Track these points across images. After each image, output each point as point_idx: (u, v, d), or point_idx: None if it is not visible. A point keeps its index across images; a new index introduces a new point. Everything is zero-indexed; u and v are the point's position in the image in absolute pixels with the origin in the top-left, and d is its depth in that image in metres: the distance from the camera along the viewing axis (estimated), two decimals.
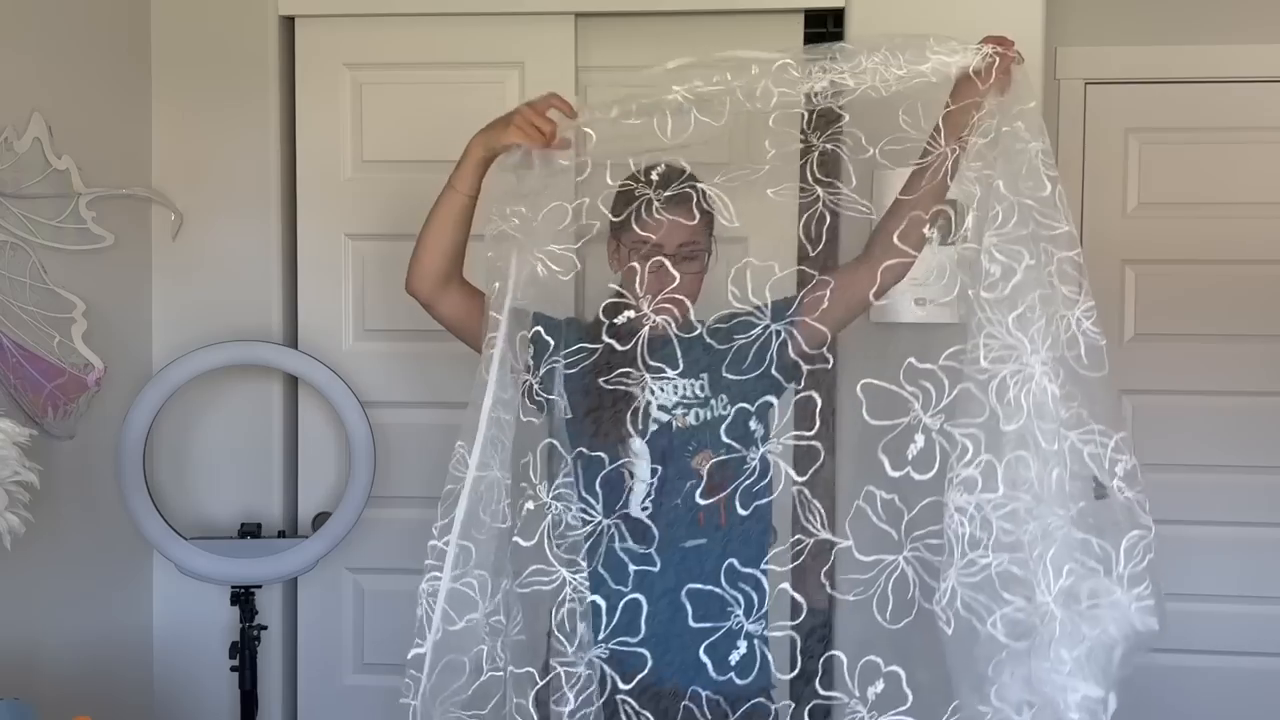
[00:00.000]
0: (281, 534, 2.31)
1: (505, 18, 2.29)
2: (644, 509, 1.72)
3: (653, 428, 1.74)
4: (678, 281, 1.69)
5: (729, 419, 1.74)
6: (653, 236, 1.69)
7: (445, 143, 2.32)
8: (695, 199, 1.70)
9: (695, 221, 1.71)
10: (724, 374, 1.74)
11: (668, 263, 1.68)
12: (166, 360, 2.26)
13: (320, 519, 2.30)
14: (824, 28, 2.38)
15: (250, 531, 2.25)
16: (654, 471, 1.73)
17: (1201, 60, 2.59)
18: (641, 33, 2.31)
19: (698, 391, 1.77)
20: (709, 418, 1.76)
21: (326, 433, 2.37)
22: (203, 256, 2.35)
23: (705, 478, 1.72)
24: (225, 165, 2.33)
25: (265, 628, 2.27)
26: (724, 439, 1.72)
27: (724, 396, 1.76)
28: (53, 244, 2.01)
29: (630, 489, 1.73)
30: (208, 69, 2.32)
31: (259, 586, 2.22)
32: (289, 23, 2.35)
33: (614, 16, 2.30)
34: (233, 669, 2.21)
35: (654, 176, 1.71)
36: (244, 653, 2.20)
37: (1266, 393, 2.63)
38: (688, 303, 1.69)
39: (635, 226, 1.72)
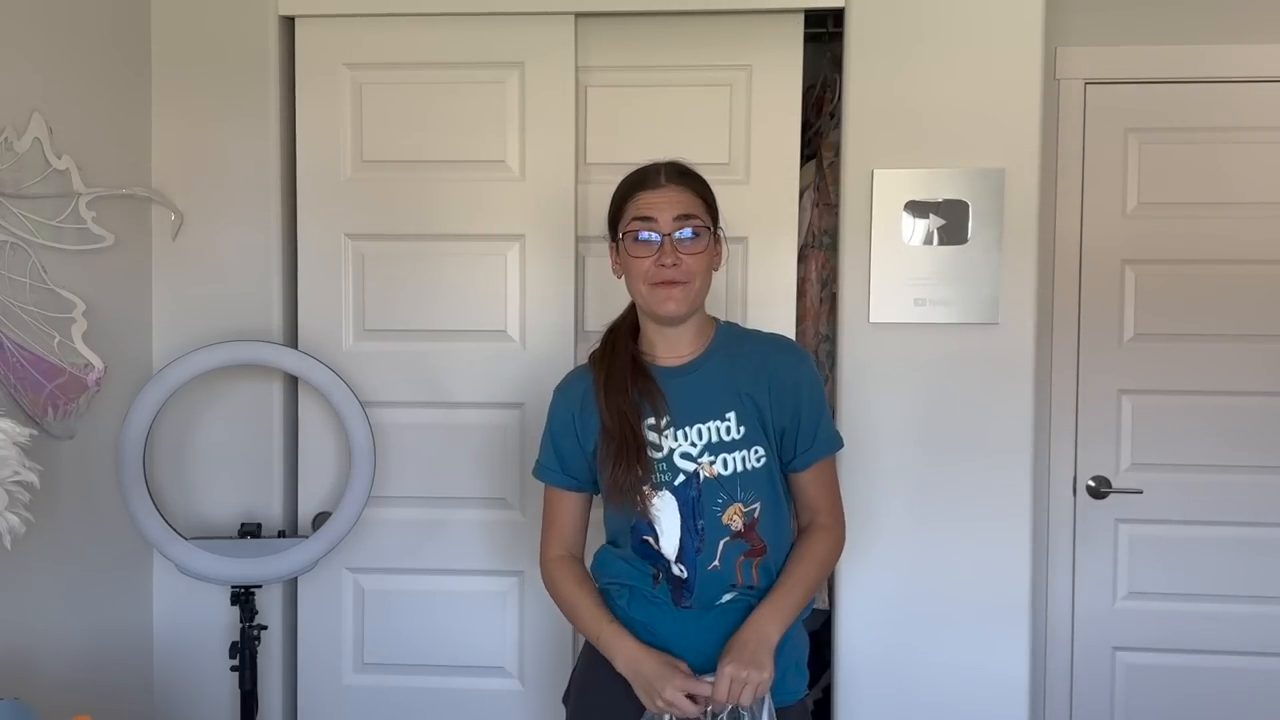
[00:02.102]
0: (281, 534, 2.31)
1: (505, 18, 2.29)
2: (679, 571, 1.68)
3: (679, 479, 1.67)
4: (678, 262, 1.61)
5: (763, 465, 1.67)
6: (646, 210, 1.63)
7: (445, 143, 2.35)
8: (691, 176, 1.68)
9: (692, 194, 1.65)
10: (742, 391, 1.67)
11: (666, 240, 1.62)
12: (166, 360, 2.26)
13: (320, 519, 2.31)
14: (824, 28, 2.38)
15: (250, 531, 2.25)
16: (682, 528, 1.66)
17: (1201, 60, 2.60)
18: (641, 33, 2.31)
19: (722, 435, 1.68)
20: (741, 468, 1.67)
21: (326, 433, 2.37)
22: (203, 256, 2.35)
23: (740, 532, 1.66)
24: (225, 165, 2.33)
25: (265, 628, 2.28)
26: (755, 488, 1.66)
27: (756, 435, 1.67)
28: (53, 244, 2.00)
29: (661, 553, 1.68)
30: (208, 69, 2.32)
31: (259, 586, 2.22)
32: (289, 23, 2.35)
33: (614, 16, 2.30)
34: (233, 669, 2.21)
35: (644, 168, 1.70)
36: (244, 653, 2.20)
37: (1266, 393, 2.64)
38: (693, 286, 1.63)
39: (629, 208, 1.66)
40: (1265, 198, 2.62)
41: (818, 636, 2.75)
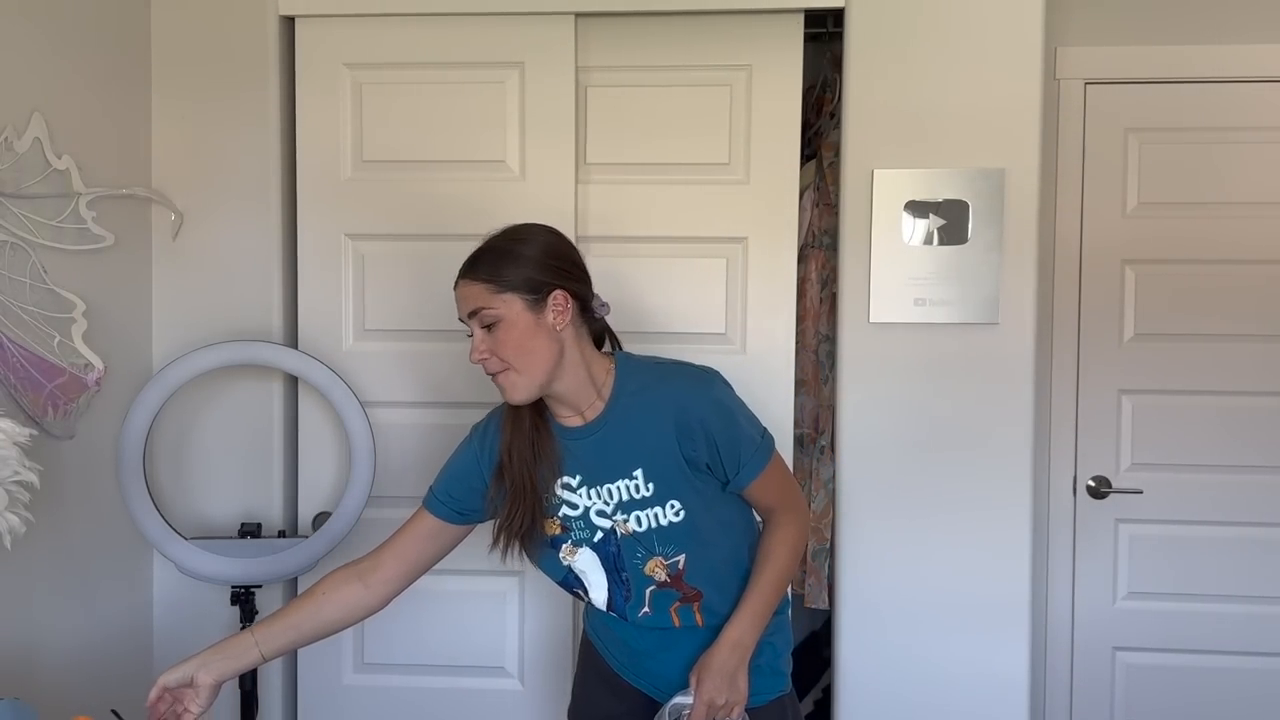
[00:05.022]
0: (281, 534, 2.31)
1: (505, 18, 2.29)
2: (614, 615, 1.71)
3: (597, 536, 1.66)
4: (485, 355, 1.59)
5: (683, 520, 1.62)
6: (457, 310, 1.63)
7: (445, 143, 2.35)
8: (484, 261, 1.61)
9: (480, 284, 1.59)
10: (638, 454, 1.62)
11: (474, 334, 1.60)
12: (166, 360, 2.26)
13: (320, 519, 2.31)
14: (824, 28, 2.38)
15: (250, 531, 2.25)
16: (609, 579, 1.67)
17: (1201, 60, 2.60)
18: (641, 33, 2.31)
19: (632, 493, 1.63)
20: (655, 524, 1.63)
21: (326, 433, 2.37)
22: (203, 256, 2.35)
23: (666, 582, 1.65)
24: (225, 165, 2.33)
25: None
26: (674, 541, 1.63)
27: (669, 489, 1.62)
28: (53, 244, 2.01)
29: (590, 602, 1.71)
30: (208, 68, 2.33)
31: (259, 586, 2.22)
32: (289, 23, 2.35)
33: (614, 16, 2.30)
34: None
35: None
36: None
37: (1266, 393, 2.64)
38: (523, 367, 1.57)
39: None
40: (1265, 198, 2.62)
41: (818, 636, 2.76)
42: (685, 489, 1.61)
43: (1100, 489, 2.69)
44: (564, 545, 1.67)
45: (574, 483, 1.65)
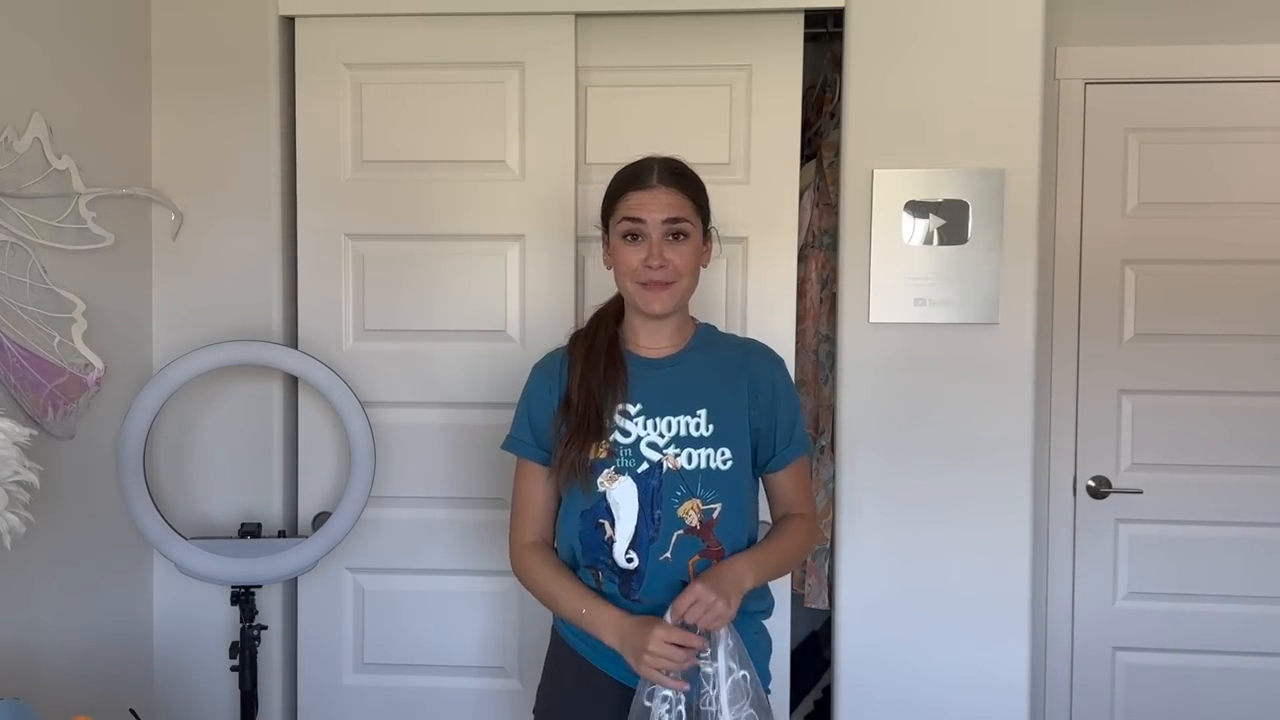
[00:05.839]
0: (281, 534, 2.31)
1: (505, 18, 2.29)
2: (628, 559, 1.69)
3: (642, 466, 1.68)
4: (664, 264, 1.65)
5: (730, 468, 1.68)
6: (636, 211, 1.66)
7: (445, 143, 2.35)
8: (684, 176, 1.69)
9: (682, 196, 1.68)
10: (718, 399, 1.69)
11: (652, 239, 1.66)
12: (166, 360, 2.26)
13: (320, 519, 2.31)
14: (824, 28, 2.38)
15: (250, 531, 2.25)
16: (639, 516, 1.67)
17: (1201, 60, 2.60)
18: (641, 33, 2.31)
19: (691, 430, 1.69)
20: (704, 465, 1.68)
21: (326, 433, 2.37)
22: (203, 256, 2.35)
23: (695, 529, 1.66)
24: (225, 165, 2.33)
25: (265, 628, 2.27)
26: (717, 488, 1.67)
27: (726, 436, 1.68)
28: (53, 244, 2.01)
29: (612, 540, 1.69)
30: (208, 69, 2.33)
31: (259, 586, 2.22)
32: (289, 23, 2.35)
33: (614, 16, 2.30)
34: (233, 669, 2.21)
35: (638, 164, 1.72)
36: (244, 653, 2.20)
37: (1266, 393, 2.64)
38: (680, 285, 1.67)
39: (620, 206, 1.69)
40: (1265, 198, 2.62)
41: (818, 636, 2.76)
42: (739, 441, 1.69)
43: (1100, 489, 2.69)
44: (606, 470, 1.69)
45: (633, 410, 1.70)
